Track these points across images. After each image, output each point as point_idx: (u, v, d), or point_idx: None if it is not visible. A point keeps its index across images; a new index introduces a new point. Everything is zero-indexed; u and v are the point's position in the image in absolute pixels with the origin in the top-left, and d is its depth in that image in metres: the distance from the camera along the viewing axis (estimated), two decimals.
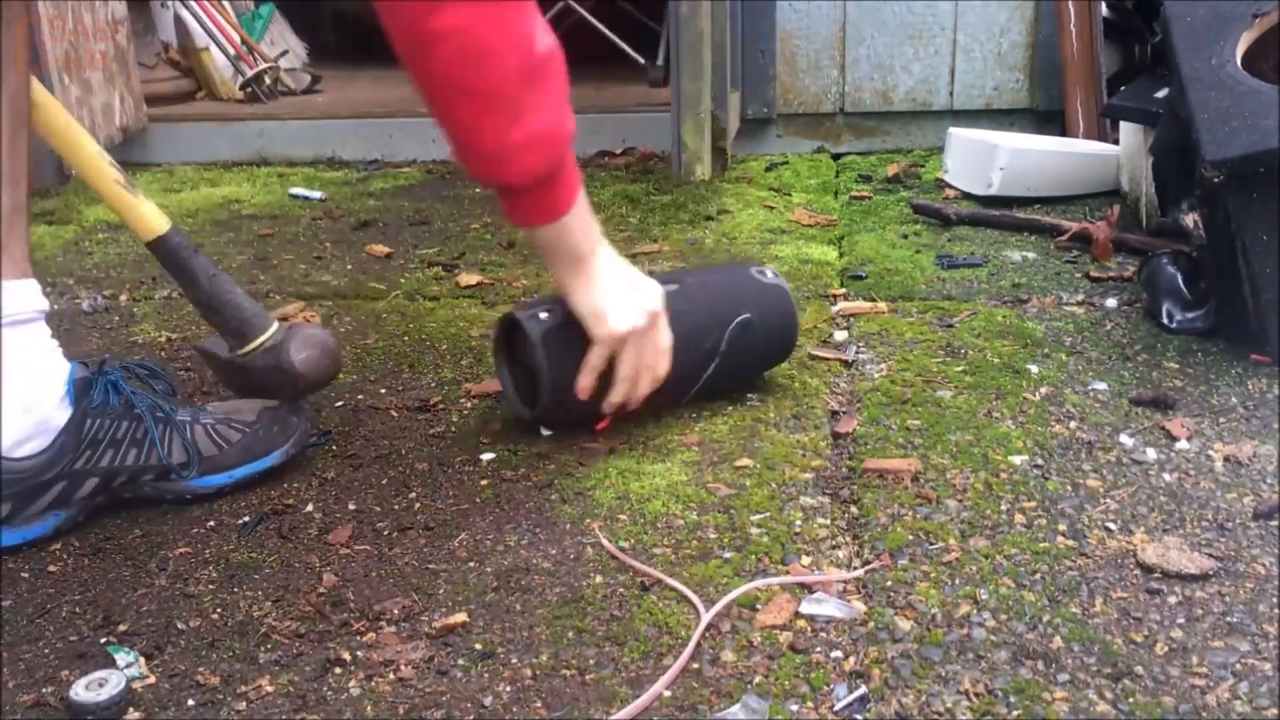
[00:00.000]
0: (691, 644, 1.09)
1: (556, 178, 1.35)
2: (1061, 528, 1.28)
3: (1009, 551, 1.24)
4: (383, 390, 1.71)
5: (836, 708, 1.01)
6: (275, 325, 1.48)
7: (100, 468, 1.32)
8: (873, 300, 2.00)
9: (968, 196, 2.56)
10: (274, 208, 2.72)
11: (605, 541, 1.28)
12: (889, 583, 1.19)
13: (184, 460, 1.37)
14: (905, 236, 2.34)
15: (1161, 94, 2.16)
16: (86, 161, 1.43)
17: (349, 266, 2.28)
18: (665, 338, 1.49)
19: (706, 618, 1.12)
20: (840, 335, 1.85)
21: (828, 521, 1.31)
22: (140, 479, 1.37)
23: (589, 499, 1.38)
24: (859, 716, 1.00)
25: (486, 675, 1.07)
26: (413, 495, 1.41)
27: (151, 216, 1.44)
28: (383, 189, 2.84)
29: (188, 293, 1.47)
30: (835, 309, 1.96)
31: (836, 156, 3.07)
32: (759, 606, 1.16)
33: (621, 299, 1.43)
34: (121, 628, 1.17)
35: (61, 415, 1.29)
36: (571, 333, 1.46)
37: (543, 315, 1.47)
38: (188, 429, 1.39)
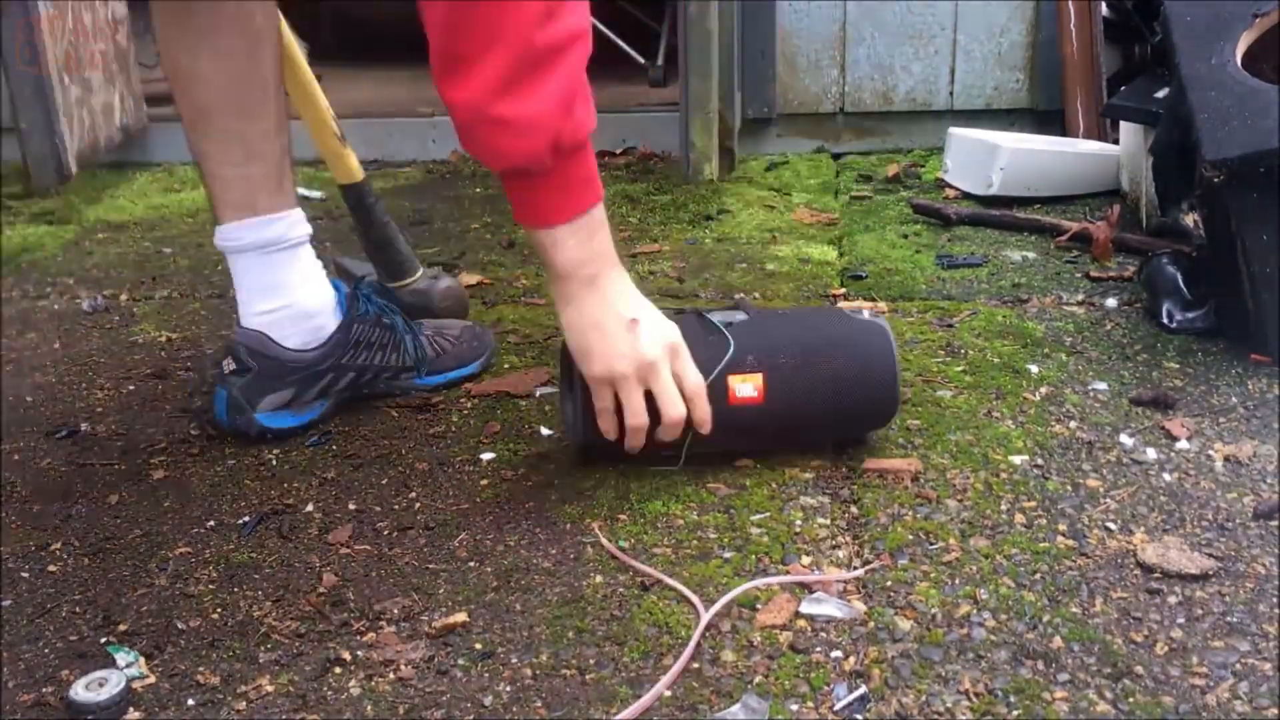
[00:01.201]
0: (692, 643, 1.09)
1: (545, 178, 1.24)
2: (1061, 528, 1.28)
3: (1009, 551, 1.24)
4: None
5: (836, 708, 1.01)
6: (421, 271, 1.89)
7: (358, 364, 1.61)
8: (873, 300, 2.00)
9: (968, 196, 2.56)
10: None
11: (605, 541, 1.28)
12: (889, 583, 1.19)
13: (420, 358, 1.66)
14: (905, 236, 2.34)
15: (1161, 94, 2.16)
16: (317, 112, 1.77)
17: None
18: (687, 380, 1.33)
19: (706, 617, 1.12)
20: None
21: (828, 521, 1.31)
22: (381, 376, 1.64)
23: (589, 499, 1.38)
24: (859, 716, 1.00)
25: (486, 675, 1.07)
26: (413, 495, 1.41)
27: (356, 167, 1.82)
28: (383, 189, 2.84)
29: (363, 232, 1.87)
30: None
31: (836, 156, 3.07)
32: (759, 606, 1.16)
33: (613, 338, 1.29)
34: (121, 627, 1.17)
35: (333, 321, 1.57)
36: None
37: None
38: (419, 337, 1.67)
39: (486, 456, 1.50)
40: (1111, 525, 1.28)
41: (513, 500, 1.39)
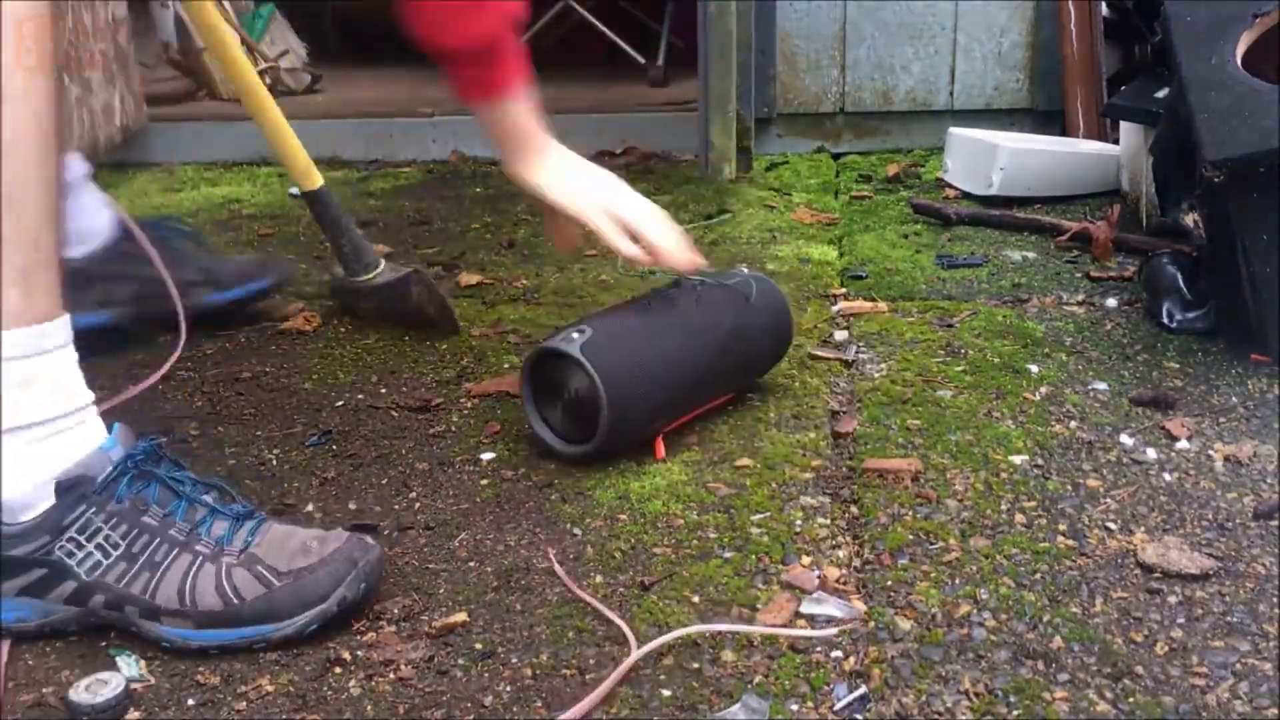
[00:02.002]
0: (616, 674, 1.04)
1: (496, 55, 1.39)
2: (1061, 527, 1.28)
3: (1009, 551, 1.24)
4: (383, 390, 1.71)
5: (836, 708, 1.01)
6: (383, 264, 1.92)
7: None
8: (873, 300, 2.00)
9: (968, 196, 2.56)
10: (274, 208, 2.72)
11: (557, 566, 1.28)
12: (889, 583, 1.19)
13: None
14: (905, 236, 2.34)
15: (1161, 94, 2.16)
16: (274, 119, 1.81)
17: None
18: (646, 205, 1.53)
19: (635, 655, 1.07)
20: (840, 335, 1.85)
21: (828, 521, 1.31)
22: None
23: (589, 499, 1.38)
24: (859, 716, 1.00)
25: (486, 675, 1.07)
26: (413, 495, 1.41)
27: (312, 171, 1.84)
28: (383, 189, 2.84)
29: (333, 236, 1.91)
30: (835, 309, 1.96)
31: (836, 156, 3.07)
32: (759, 607, 1.16)
33: (574, 171, 1.51)
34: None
35: None
36: (616, 344, 1.41)
37: (574, 335, 1.40)
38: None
39: (486, 456, 1.50)
40: (1111, 525, 1.28)
41: (513, 500, 1.39)
